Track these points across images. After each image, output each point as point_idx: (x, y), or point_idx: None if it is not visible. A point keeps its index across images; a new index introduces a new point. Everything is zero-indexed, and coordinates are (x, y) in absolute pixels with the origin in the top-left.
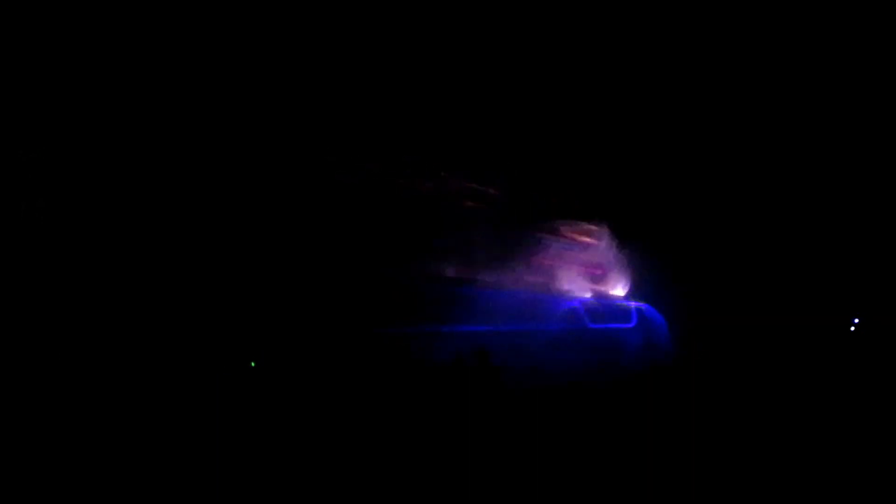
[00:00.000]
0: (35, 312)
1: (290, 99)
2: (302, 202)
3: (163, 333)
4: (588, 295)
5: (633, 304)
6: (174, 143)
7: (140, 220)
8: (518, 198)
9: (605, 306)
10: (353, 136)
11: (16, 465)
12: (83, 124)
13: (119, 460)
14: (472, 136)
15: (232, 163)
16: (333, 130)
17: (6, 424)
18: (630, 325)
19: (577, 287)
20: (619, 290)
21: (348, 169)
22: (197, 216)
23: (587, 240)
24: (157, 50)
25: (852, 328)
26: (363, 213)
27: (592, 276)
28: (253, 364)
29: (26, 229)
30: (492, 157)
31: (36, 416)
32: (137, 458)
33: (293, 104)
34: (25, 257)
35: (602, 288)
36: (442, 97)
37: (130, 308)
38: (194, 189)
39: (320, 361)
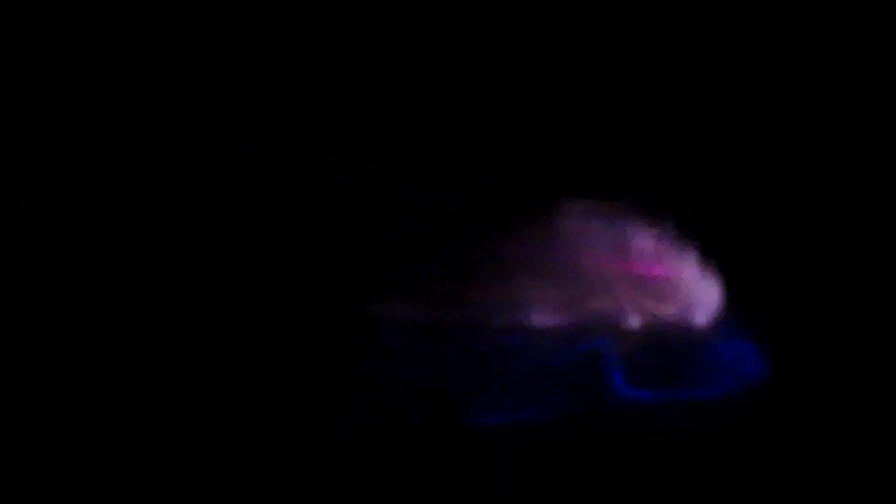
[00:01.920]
0: (35, 312)
1: (290, 98)
2: (301, 202)
3: (161, 336)
4: (635, 321)
5: (726, 345)
6: (173, 143)
7: (140, 220)
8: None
9: (665, 347)
10: (353, 136)
11: (15, 466)
12: (83, 124)
13: (116, 461)
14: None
15: (231, 163)
16: (333, 130)
17: (5, 425)
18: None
19: (622, 309)
20: (694, 312)
21: (348, 169)
22: (196, 217)
23: (637, 233)
24: (157, 49)
25: None
26: (359, 223)
27: (647, 288)
28: None
29: (26, 229)
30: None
31: (35, 417)
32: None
33: (293, 103)
34: (25, 257)
35: (664, 307)
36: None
37: (129, 308)
38: (194, 189)
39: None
